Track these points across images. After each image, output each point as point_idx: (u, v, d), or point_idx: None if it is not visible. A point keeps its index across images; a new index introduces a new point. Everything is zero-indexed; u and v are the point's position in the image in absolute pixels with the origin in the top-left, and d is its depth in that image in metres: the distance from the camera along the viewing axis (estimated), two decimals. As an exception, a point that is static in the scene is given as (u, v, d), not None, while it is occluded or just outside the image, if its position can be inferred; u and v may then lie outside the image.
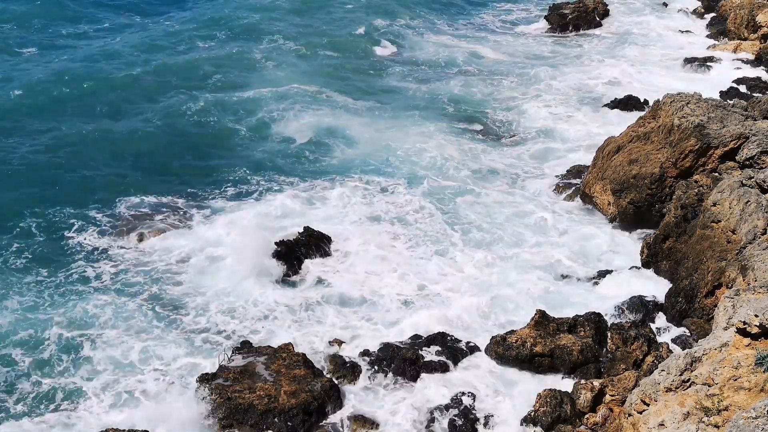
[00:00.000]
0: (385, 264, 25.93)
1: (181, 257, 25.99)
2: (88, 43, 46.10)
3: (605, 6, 56.58)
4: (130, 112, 36.99)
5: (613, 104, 38.61)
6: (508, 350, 20.98)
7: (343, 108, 38.36)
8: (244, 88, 40.22)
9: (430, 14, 56.03)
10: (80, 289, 24.02)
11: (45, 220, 27.52)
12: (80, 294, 23.78)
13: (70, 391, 20.06)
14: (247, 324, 22.85)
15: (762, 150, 25.45)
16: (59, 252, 25.91)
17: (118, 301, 23.57)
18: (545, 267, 25.79)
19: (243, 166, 32.23)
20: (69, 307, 23.07)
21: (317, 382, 19.70)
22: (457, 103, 39.85)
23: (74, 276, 24.72)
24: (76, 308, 23.00)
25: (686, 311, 22.13)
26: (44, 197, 28.97)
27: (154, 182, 30.74)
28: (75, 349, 21.47)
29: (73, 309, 22.96)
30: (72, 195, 29.20)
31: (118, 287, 24.29)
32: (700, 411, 13.66)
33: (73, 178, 30.55)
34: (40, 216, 27.72)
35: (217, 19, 51.02)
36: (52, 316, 22.60)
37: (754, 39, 46.34)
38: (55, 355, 21.24)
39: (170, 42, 46.50)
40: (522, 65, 46.01)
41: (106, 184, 30.36)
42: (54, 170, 31.00)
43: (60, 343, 21.67)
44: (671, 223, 24.64)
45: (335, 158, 33.53)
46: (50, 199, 28.87)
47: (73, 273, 24.88)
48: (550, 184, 31.50)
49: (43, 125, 34.71)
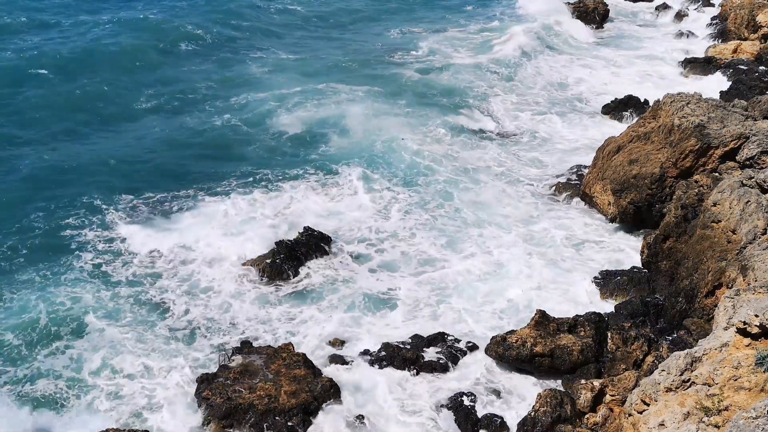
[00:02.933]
0: (385, 264, 25.94)
1: (181, 255, 25.96)
2: (85, 37, 46.08)
3: (605, 6, 56.65)
4: (128, 111, 36.98)
5: (613, 104, 38.63)
6: (508, 350, 20.97)
7: (345, 101, 38.55)
8: (245, 87, 40.36)
9: (434, 13, 56.27)
10: (76, 286, 23.93)
11: (43, 219, 27.44)
12: (75, 290, 23.69)
13: (69, 391, 20.00)
14: (247, 324, 22.85)
15: (762, 150, 25.45)
16: (56, 249, 25.81)
17: (115, 298, 23.54)
18: (544, 267, 25.77)
19: (245, 163, 32.24)
20: (64, 302, 22.97)
21: (317, 382, 19.71)
22: (455, 100, 39.89)
23: (70, 272, 24.64)
24: (71, 304, 22.94)
25: (686, 311, 22.12)
26: (41, 194, 28.92)
27: (154, 180, 30.71)
28: (71, 347, 21.41)
29: (68, 304, 22.90)
30: (70, 193, 29.13)
31: (115, 284, 24.26)
32: (701, 411, 13.65)
33: (70, 177, 30.47)
34: (38, 214, 27.64)
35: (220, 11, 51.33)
36: (47, 312, 22.52)
37: (755, 39, 46.33)
38: (50, 352, 21.15)
39: (167, 41, 46.56)
40: (521, 64, 46.07)
41: (105, 183, 30.28)
42: (52, 167, 30.97)
43: (55, 339, 21.58)
44: (671, 223, 24.64)
45: (331, 149, 33.66)
46: (47, 197, 28.82)
47: (70, 268, 24.81)
48: (549, 184, 31.50)
49: (41, 123, 34.73)
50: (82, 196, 29.08)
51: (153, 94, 38.75)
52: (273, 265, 25.08)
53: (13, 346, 21.29)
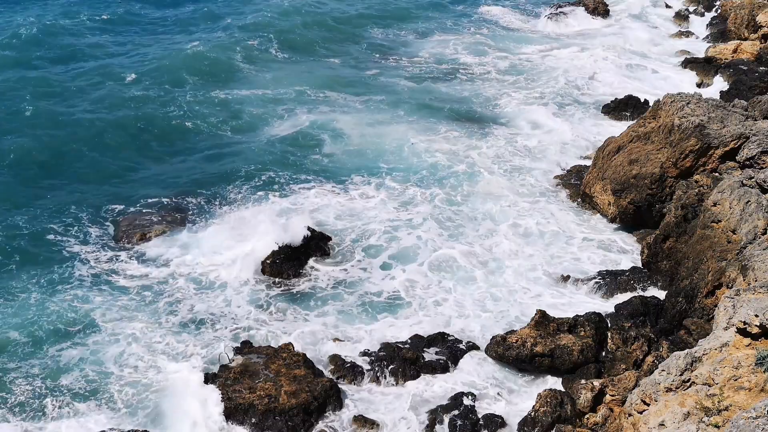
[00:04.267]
0: (385, 264, 25.94)
1: (182, 257, 25.94)
2: (82, 37, 46.16)
3: (605, 6, 56.67)
4: (126, 110, 37.00)
5: (613, 104, 38.62)
6: (508, 350, 20.97)
7: (340, 106, 38.53)
8: (245, 86, 40.36)
9: (433, 14, 56.24)
10: (76, 287, 23.96)
11: (41, 218, 27.48)
12: (76, 292, 23.71)
13: (67, 390, 20.00)
14: (247, 324, 22.85)
15: (762, 150, 25.45)
16: (53, 250, 25.81)
17: (116, 299, 23.56)
18: (545, 267, 25.78)
19: (248, 165, 32.17)
20: (63, 305, 22.98)
21: (317, 382, 19.71)
22: (454, 101, 39.90)
23: (70, 273, 24.65)
24: (71, 307, 22.95)
25: (686, 311, 22.11)
26: (40, 194, 29.01)
27: (153, 182, 30.74)
28: (72, 348, 21.42)
29: (68, 307, 22.90)
30: (67, 196, 29.14)
31: (116, 286, 24.28)
32: (701, 411, 13.65)
33: (68, 180, 30.53)
34: (36, 213, 27.72)
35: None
36: (45, 314, 22.53)
37: (755, 39, 46.32)
38: (50, 354, 21.16)
39: (165, 40, 46.61)
40: (521, 64, 46.09)
41: (104, 182, 30.37)
42: (49, 170, 31.04)
43: (54, 341, 21.58)
44: (671, 223, 24.65)
45: (330, 156, 33.65)
46: (45, 197, 28.88)
47: (69, 271, 24.80)
48: (550, 183, 31.51)
49: (38, 123, 34.80)
50: (84, 199, 29.12)
51: (146, 97, 38.66)
52: (273, 265, 25.09)
53: (19, 344, 21.35)
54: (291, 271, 25.20)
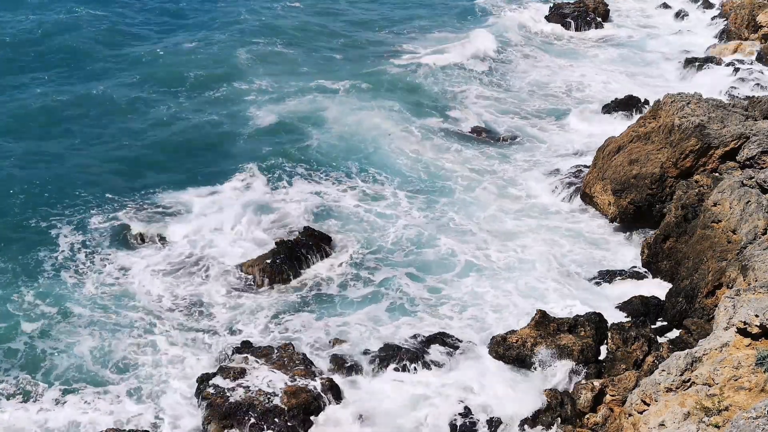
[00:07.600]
0: (385, 264, 25.93)
1: (178, 255, 25.93)
2: (82, 36, 46.14)
3: (605, 6, 56.62)
4: (123, 109, 37.03)
5: (613, 104, 38.61)
6: (508, 350, 20.97)
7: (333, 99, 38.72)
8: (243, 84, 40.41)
9: (432, 14, 56.24)
10: (71, 285, 23.96)
11: (39, 217, 27.44)
12: (70, 289, 23.71)
13: (66, 390, 20.00)
14: (247, 324, 22.83)
15: (762, 150, 25.45)
16: (49, 249, 25.80)
17: (113, 298, 23.54)
18: (545, 267, 25.77)
19: (238, 159, 32.20)
20: (60, 302, 23.00)
21: (317, 381, 19.70)
22: (453, 100, 39.88)
23: (65, 271, 24.66)
24: (68, 304, 22.95)
25: (686, 311, 22.12)
26: (36, 193, 28.97)
27: (150, 180, 30.68)
28: (69, 347, 21.40)
29: (64, 305, 22.91)
30: (62, 194, 29.07)
31: (112, 284, 24.25)
32: (701, 411, 13.64)
33: (63, 178, 30.44)
34: (34, 212, 27.69)
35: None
36: (40, 311, 22.57)
37: (755, 39, 46.33)
38: (45, 353, 21.14)
39: (162, 40, 46.62)
40: (520, 64, 46.08)
41: (103, 182, 30.30)
42: (45, 169, 31.00)
43: (51, 340, 21.59)
44: (672, 223, 24.65)
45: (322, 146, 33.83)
46: (41, 197, 28.83)
47: (64, 268, 24.81)
48: (549, 184, 31.50)
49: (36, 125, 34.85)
50: (75, 194, 29.09)
51: (137, 91, 38.71)
52: (273, 265, 25.08)
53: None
54: (291, 271, 25.17)
